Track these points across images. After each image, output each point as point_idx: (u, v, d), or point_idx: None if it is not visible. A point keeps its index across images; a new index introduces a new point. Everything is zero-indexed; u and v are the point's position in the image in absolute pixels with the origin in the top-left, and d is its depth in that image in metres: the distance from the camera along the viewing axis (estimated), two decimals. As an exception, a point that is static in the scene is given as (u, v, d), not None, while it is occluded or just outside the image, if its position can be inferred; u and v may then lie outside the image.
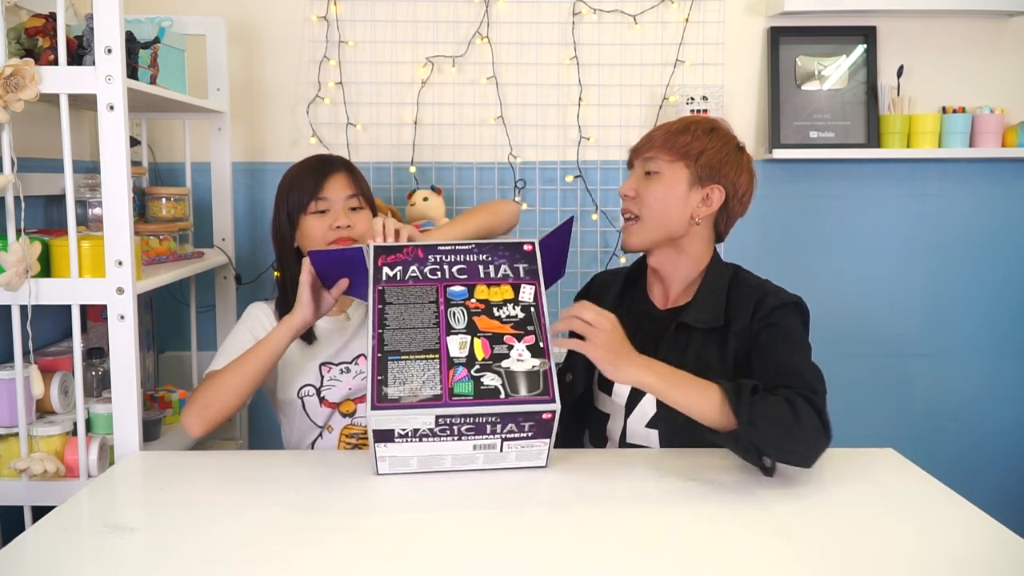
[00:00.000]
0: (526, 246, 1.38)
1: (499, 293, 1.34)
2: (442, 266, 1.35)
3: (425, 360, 1.27)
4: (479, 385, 1.25)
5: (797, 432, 1.28)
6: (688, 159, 1.50)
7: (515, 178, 2.44)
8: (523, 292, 1.34)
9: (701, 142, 1.50)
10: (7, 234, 1.55)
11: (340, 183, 1.64)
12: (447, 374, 1.26)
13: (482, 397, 1.24)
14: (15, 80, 1.47)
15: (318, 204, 1.62)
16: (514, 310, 1.32)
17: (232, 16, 2.36)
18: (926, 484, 1.32)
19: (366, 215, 1.66)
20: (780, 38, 2.44)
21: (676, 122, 1.55)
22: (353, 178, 1.66)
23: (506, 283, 1.34)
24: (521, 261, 1.37)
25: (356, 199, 1.65)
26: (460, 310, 1.32)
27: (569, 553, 1.09)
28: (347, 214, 1.63)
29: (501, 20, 2.41)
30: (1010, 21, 2.47)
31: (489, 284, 1.34)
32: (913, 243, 2.52)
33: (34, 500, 1.60)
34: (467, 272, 1.35)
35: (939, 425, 2.57)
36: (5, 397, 1.60)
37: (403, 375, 1.26)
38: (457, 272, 1.35)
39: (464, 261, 1.36)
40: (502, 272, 1.35)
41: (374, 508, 1.22)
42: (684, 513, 1.21)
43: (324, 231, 1.61)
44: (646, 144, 1.54)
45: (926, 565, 1.06)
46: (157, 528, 1.17)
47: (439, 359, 1.27)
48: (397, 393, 1.24)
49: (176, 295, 2.38)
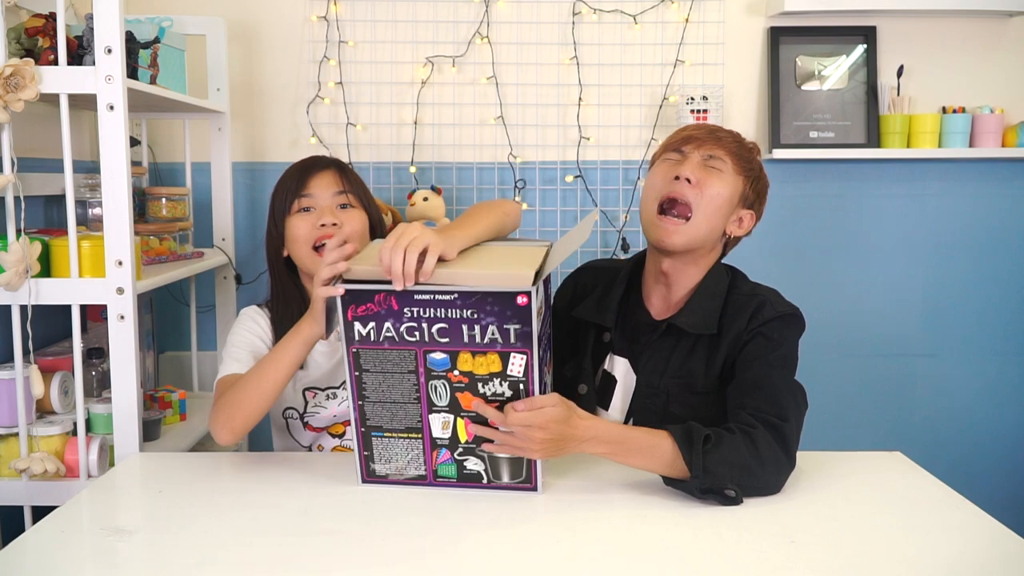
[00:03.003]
0: (520, 298, 1.13)
1: (485, 364, 1.18)
2: (420, 323, 1.17)
3: (408, 439, 1.25)
4: (462, 469, 1.25)
5: (756, 468, 1.25)
6: (748, 178, 1.46)
7: (515, 178, 2.44)
8: (512, 363, 1.17)
9: (757, 169, 1.48)
10: (7, 234, 1.55)
11: (326, 180, 1.55)
12: (430, 455, 1.25)
13: (465, 480, 1.25)
14: (15, 80, 1.47)
15: (301, 202, 1.54)
16: (501, 386, 1.19)
17: (232, 16, 2.36)
18: (934, 488, 1.32)
19: (357, 215, 1.56)
20: (780, 38, 2.44)
21: (736, 134, 1.49)
22: (342, 175, 1.57)
23: (493, 351, 1.17)
24: (513, 320, 1.15)
25: (345, 196, 1.55)
26: (442, 384, 1.20)
27: (569, 555, 1.09)
28: (334, 212, 1.53)
29: (501, 20, 2.41)
30: (1010, 21, 2.47)
31: (474, 352, 1.17)
32: (913, 243, 2.52)
33: (34, 500, 1.60)
34: (449, 333, 1.17)
35: (939, 425, 2.56)
36: (5, 397, 1.60)
37: (388, 453, 1.27)
38: (438, 333, 1.17)
39: (446, 317, 1.16)
40: (489, 336, 1.16)
41: (374, 510, 1.22)
42: (688, 516, 1.20)
43: (308, 230, 1.52)
44: (716, 144, 1.45)
45: (931, 568, 1.06)
46: (157, 529, 1.17)
47: (422, 439, 1.24)
48: (384, 470, 1.27)
49: (176, 295, 2.38)
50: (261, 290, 2.45)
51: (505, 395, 1.19)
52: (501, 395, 1.19)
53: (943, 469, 1.44)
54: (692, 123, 1.55)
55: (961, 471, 2.06)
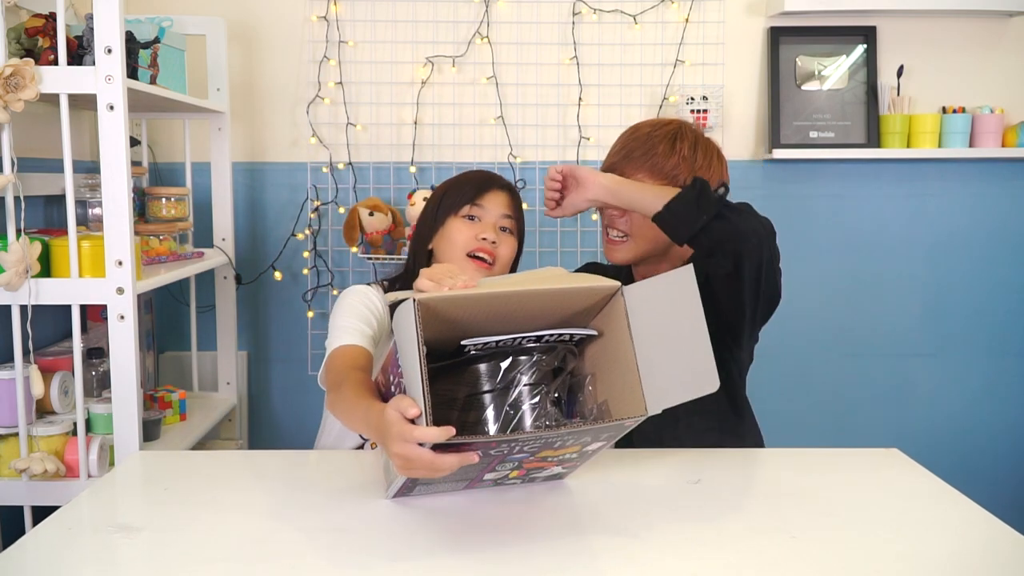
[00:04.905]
0: (628, 422, 1.09)
1: (567, 451, 1.11)
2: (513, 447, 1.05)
3: (457, 481, 1.17)
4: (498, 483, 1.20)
5: (744, 206, 1.36)
6: (677, 182, 1.47)
7: (515, 178, 2.44)
8: (592, 444, 1.12)
9: (688, 164, 1.49)
10: (7, 234, 1.55)
11: (500, 199, 1.58)
12: (474, 483, 1.19)
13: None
14: (15, 80, 1.47)
15: (472, 210, 1.56)
16: (569, 453, 1.13)
17: (232, 16, 2.36)
18: (931, 484, 1.32)
19: (512, 243, 1.59)
20: (780, 38, 2.44)
21: (658, 139, 1.51)
22: (513, 200, 1.60)
23: (578, 445, 1.10)
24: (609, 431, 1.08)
25: (510, 220, 1.58)
26: (511, 464, 1.12)
27: (569, 553, 1.09)
28: (496, 231, 1.56)
29: (501, 20, 2.41)
30: (1010, 21, 2.47)
31: (557, 448, 1.09)
32: (913, 243, 2.52)
33: (34, 500, 1.60)
34: (541, 447, 1.07)
35: (939, 425, 2.57)
36: (5, 397, 1.60)
37: (431, 488, 1.19)
38: (527, 448, 1.06)
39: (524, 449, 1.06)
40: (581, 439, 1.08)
41: (374, 509, 1.22)
42: (687, 512, 1.20)
43: (468, 238, 1.54)
44: (630, 165, 1.51)
45: (931, 565, 1.06)
46: (158, 529, 1.17)
47: (471, 480, 1.17)
48: (420, 491, 1.20)
49: (176, 295, 2.38)
50: (261, 290, 2.45)
51: (571, 459, 1.16)
52: (568, 459, 1.15)
53: (943, 469, 1.44)
54: (619, 139, 1.58)
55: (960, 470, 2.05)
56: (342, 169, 2.42)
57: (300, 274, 2.45)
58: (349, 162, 2.42)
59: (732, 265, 1.33)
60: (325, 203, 2.43)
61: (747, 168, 2.48)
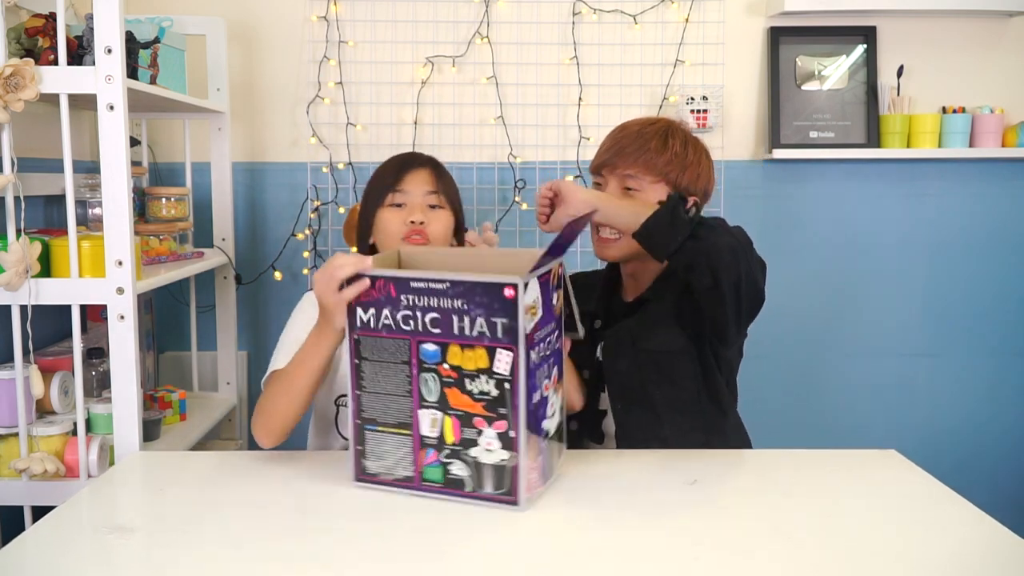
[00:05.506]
0: (507, 290, 1.14)
1: (473, 359, 1.18)
2: (415, 312, 1.20)
3: (399, 436, 1.25)
4: (447, 473, 1.23)
5: (721, 223, 1.38)
6: (669, 179, 1.52)
7: (515, 178, 2.44)
8: (498, 361, 1.17)
9: (680, 159, 1.52)
10: (7, 234, 1.55)
11: (421, 178, 1.58)
12: (418, 455, 1.24)
13: (449, 487, 1.23)
14: (15, 80, 1.47)
15: (395, 197, 1.56)
16: (487, 384, 1.18)
17: (232, 16, 2.36)
18: (928, 485, 1.32)
19: (444, 216, 1.58)
20: (780, 38, 2.44)
21: (650, 135, 1.53)
22: (436, 175, 1.60)
23: (481, 346, 1.18)
24: (499, 314, 1.15)
25: (436, 196, 1.57)
26: (432, 377, 1.21)
27: (567, 553, 1.09)
28: (424, 211, 1.56)
29: (501, 20, 2.41)
30: (1010, 21, 2.47)
31: (463, 345, 1.18)
32: (913, 243, 2.52)
33: (34, 500, 1.60)
34: (441, 324, 1.19)
35: (939, 425, 2.56)
36: (5, 397, 1.60)
37: (379, 449, 1.26)
38: (430, 323, 1.20)
39: (438, 307, 1.19)
40: (477, 329, 1.17)
41: (375, 508, 1.22)
42: (683, 513, 1.20)
43: (399, 226, 1.54)
44: (623, 160, 1.53)
45: (928, 566, 1.06)
46: (157, 528, 1.17)
47: (411, 437, 1.24)
48: (375, 468, 1.27)
49: (176, 295, 2.38)
50: (261, 290, 2.45)
51: (491, 395, 1.18)
52: (487, 395, 1.18)
53: (943, 469, 1.44)
54: (608, 137, 1.59)
55: (961, 471, 2.06)
56: (342, 169, 2.43)
57: (300, 274, 2.45)
58: (349, 162, 2.42)
59: (711, 280, 1.37)
60: (325, 203, 2.43)
61: (747, 168, 2.48)
